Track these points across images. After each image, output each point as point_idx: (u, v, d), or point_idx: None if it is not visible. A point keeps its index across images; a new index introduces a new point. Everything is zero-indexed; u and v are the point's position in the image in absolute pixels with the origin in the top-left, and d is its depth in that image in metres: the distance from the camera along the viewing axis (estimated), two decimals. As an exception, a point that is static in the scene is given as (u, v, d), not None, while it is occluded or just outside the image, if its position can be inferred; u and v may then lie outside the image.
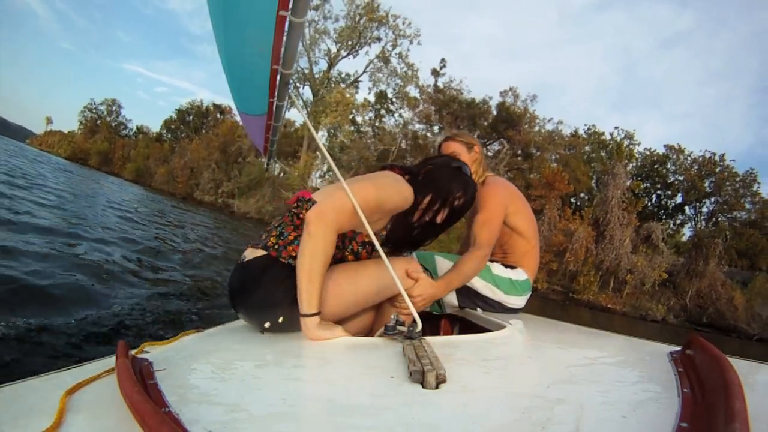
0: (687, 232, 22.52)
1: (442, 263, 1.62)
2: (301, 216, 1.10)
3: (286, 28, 1.02)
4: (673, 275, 16.57)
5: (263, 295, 1.06)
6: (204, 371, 0.78)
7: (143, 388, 0.54)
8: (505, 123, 19.71)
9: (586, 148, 23.26)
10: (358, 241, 1.16)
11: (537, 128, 20.79)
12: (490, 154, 20.47)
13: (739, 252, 19.29)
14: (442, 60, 21.93)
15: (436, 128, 21.39)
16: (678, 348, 0.80)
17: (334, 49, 23.05)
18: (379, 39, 22.46)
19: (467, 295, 1.62)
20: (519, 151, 20.35)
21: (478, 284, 1.61)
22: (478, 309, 1.62)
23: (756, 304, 14.99)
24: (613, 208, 16.51)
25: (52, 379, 0.67)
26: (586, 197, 21.80)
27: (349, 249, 1.16)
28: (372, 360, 0.82)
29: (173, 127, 36.36)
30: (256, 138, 2.40)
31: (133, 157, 33.86)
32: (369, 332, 1.37)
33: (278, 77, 1.26)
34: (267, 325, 1.05)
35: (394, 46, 22.50)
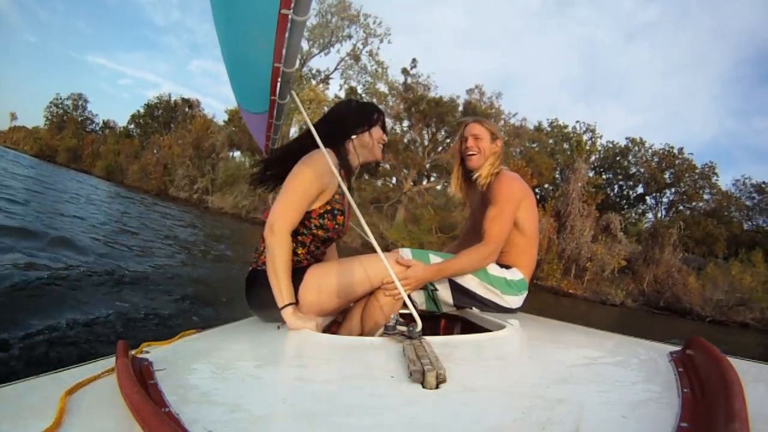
0: (649, 221, 23.31)
1: (436, 260, 1.60)
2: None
3: (288, 26, 1.02)
4: (632, 262, 17.79)
5: (257, 302, 1.29)
6: (204, 371, 0.78)
7: (143, 388, 0.54)
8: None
9: (550, 141, 23.77)
10: (338, 207, 1.34)
11: (502, 123, 21.85)
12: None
13: (696, 240, 20.32)
14: (413, 60, 22.52)
15: (405, 124, 22.25)
16: (678, 348, 0.80)
17: (306, 47, 23.25)
18: (350, 36, 22.73)
19: (463, 293, 1.61)
20: None
21: (473, 283, 1.60)
22: (474, 309, 1.61)
23: (707, 289, 16.13)
24: (574, 201, 17.60)
25: (51, 379, 0.67)
26: (551, 188, 22.51)
27: (312, 226, 1.32)
28: (372, 360, 0.82)
29: (141, 122, 35.50)
30: (258, 136, 2.40)
31: (103, 154, 33.25)
32: (360, 328, 1.43)
33: (280, 75, 1.26)
34: (278, 325, 1.19)
35: (365, 44, 22.92)
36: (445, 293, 1.60)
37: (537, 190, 22.15)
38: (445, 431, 0.50)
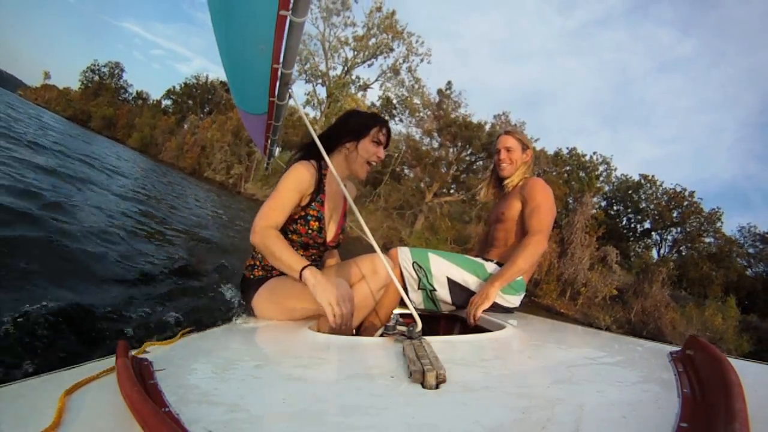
0: (655, 254, 24.79)
1: (436, 260, 1.61)
2: None
3: (287, 27, 1.02)
4: (623, 292, 19.24)
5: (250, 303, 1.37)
6: (204, 371, 0.78)
7: (143, 388, 0.54)
8: (495, 147, 22.76)
9: (567, 168, 24.96)
10: (312, 213, 1.37)
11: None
12: (478, 169, 23.69)
13: (693, 280, 21.56)
14: (449, 83, 23.71)
15: (435, 143, 23.64)
16: (678, 348, 0.80)
17: (350, 55, 24.61)
18: (392, 50, 24.06)
19: (462, 291, 1.61)
20: None
21: (471, 281, 1.61)
22: None
23: (682, 325, 17.21)
24: (578, 231, 18.89)
25: (51, 379, 0.67)
26: (561, 213, 24.00)
27: (287, 231, 1.37)
28: (372, 360, 0.82)
29: (177, 99, 36.07)
30: (257, 137, 2.40)
31: (138, 126, 33.40)
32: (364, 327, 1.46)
33: (279, 77, 1.26)
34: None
35: (405, 61, 24.29)
36: (443, 292, 1.60)
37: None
38: (445, 431, 0.50)
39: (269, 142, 2.13)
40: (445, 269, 1.60)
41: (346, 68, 24.55)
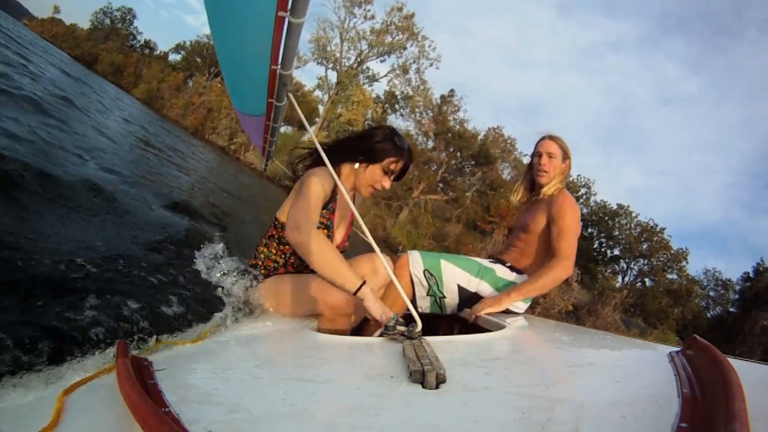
0: (620, 280, 26.52)
1: (447, 267, 1.62)
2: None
3: (285, 28, 1.02)
4: (578, 309, 19.84)
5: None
6: (204, 371, 0.78)
7: (143, 388, 0.54)
8: (484, 158, 24.81)
9: None
10: (322, 221, 1.38)
11: (508, 170, 25.70)
12: (465, 179, 25.27)
13: (651, 312, 22.78)
14: (451, 90, 25.01)
15: (430, 143, 24.91)
16: (678, 348, 0.80)
17: (365, 50, 25.48)
18: (404, 48, 24.99)
19: (471, 300, 1.63)
20: (489, 182, 25.25)
21: (481, 287, 1.63)
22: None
23: None
24: None
25: (50, 378, 0.67)
26: None
27: (319, 226, 1.35)
28: (372, 360, 0.82)
29: (186, 56, 35.91)
30: (255, 138, 2.39)
31: (146, 78, 32.85)
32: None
33: (277, 78, 1.25)
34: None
35: (415, 62, 25.27)
36: (452, 299, 1.62)
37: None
38: (445, 431, 0.50)
39: (268, 143, 2.12)
40: (457, 277, 1.62)
41: (359, 60, 25.37)
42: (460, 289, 1.61)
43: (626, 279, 25.92)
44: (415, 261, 1.60)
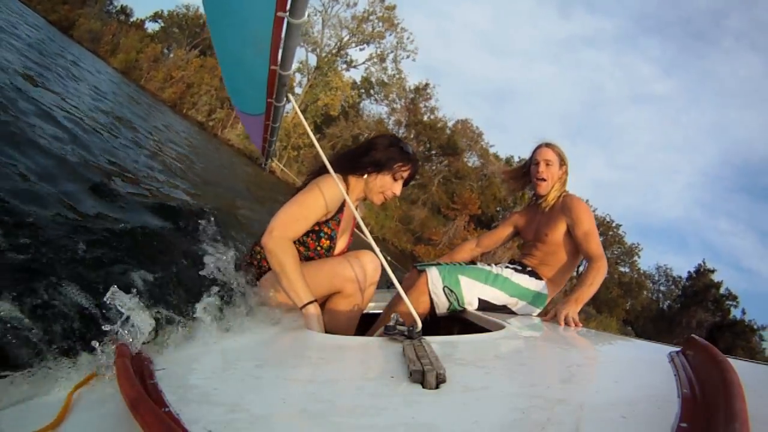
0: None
1: (467, 283, 1.63)
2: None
3: (284, 29, 1.02)
4: None
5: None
6: (204, 371, 0.78)
7: (143, 388, 0.54)
8: (451, 148, 25.98)
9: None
10: (326, 231, 1.38)
11: (472, 161, 27.32)
12: (433, 166, 26.49)
13: (602, 301, 23.95)
14: (426, 84, 26.34)
15: (401, 131, 25.77)
16: (678, 348, 0.81)
17: (346, 37, 26.22)
18: (383, 38, 25.77)
19: (488, 307, 1.65)
20: (454, 171, 26.54)
21: (499, 296, 1.65)
22: (474, 310, 1.65)
23: None
24: None
25: (51, 378, 0.67)
26: (500, 215, 26.74)
27: (323, 235, 1.38)
28: (372, 360, 0.82)
29: (164, 25, 34.80)
30: (255, 137, 2.39)
31: (123, 47, 32.10)
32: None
33: (276, 78, 1.26)
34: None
35: (393, 51, 26.13)
36: (472, 310, 1.64)
37: (484, 216, 26.43)
38: (445, 431, 0.50)
39: (267, 143, 2.12)
40: (477, 291, 1.64)
41: (339, 46, 26.12)
42: (481, 300, 1.64)
43: (580, 269, 27.71)
44: (434, 279, 1.61)
